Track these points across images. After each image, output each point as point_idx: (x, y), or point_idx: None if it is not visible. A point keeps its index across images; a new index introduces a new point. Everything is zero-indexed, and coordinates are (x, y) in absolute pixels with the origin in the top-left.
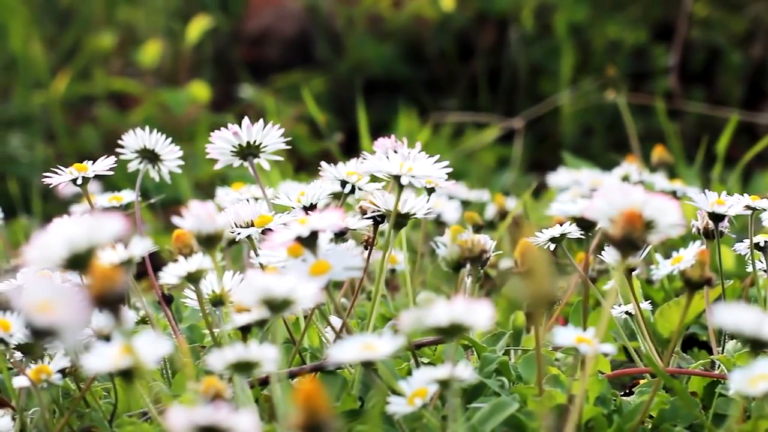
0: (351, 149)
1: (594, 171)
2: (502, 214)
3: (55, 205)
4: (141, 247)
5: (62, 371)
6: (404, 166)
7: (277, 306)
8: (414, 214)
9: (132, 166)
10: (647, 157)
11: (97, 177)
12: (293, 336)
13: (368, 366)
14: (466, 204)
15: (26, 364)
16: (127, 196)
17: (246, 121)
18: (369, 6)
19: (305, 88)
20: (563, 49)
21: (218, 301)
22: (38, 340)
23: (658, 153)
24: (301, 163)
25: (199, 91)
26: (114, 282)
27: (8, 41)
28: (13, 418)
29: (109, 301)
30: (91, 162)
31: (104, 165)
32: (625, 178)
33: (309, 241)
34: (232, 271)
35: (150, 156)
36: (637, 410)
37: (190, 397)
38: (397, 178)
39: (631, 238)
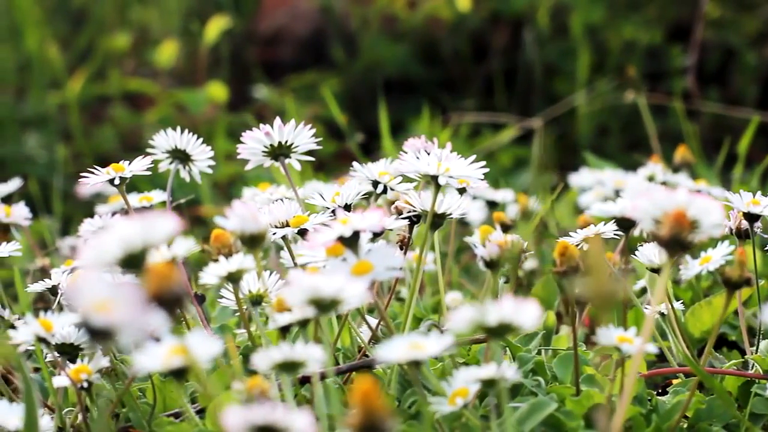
0: (367, 149)
1: (617, 171)
2: (526, 214)
3: (74, 206)
4: (184, 247)
5: (101, 371)
6: (441, 167)
7: (325, 306)
8: (450, 214)
9: (162, 167)
10: (665, 158)
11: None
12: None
13: (416, 366)
14: (490, 204)
15: (66, 364)
16: (158, 196)
17: (278, 121)
18: (383, 6)
19: (325, 89)
20: (579, 49)
21: (255, 301)
22: (95, 339)
23: (681, 153)
24: (320, 164)
25: (217, 91)
26: (171, 281)
27: (23, 42)
28: (52, 418)
29: (167, 300)
30: (127, 162)
31: (141, 165)
32: (651, 178)
33: (351, 241)
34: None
35: (181, 156)
36: (675, 409)
37: (232, 397)
38: (434, 178)
39: (679, 238)
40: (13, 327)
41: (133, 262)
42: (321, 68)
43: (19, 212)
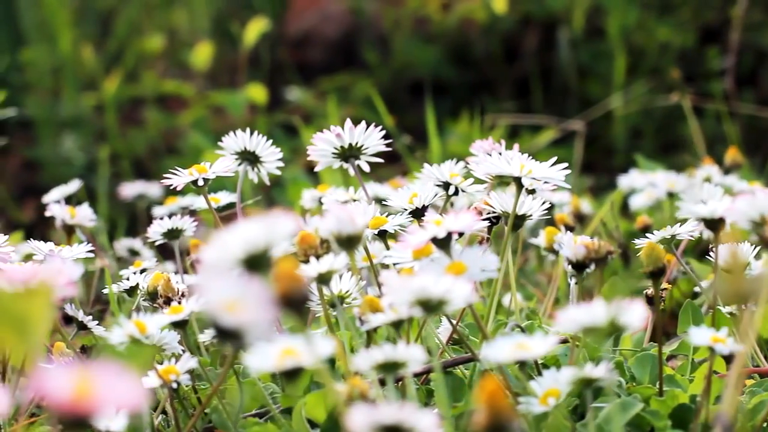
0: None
1: (669, 173)
2: (579, 216)
3: (115, 207)
4: (281, 248)
5: (190, 372)
6: (525, 168)
7: (432, 306)
8: (530, 215)
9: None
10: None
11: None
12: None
13: (523, 366)
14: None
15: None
16: (225, 197)
17: (348, 122)
18: (416, 8)
19: (373, 93)
20: (616, 51)
21: (333, 303)
22: (224, 339)
23: (731, 155)
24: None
25: (257, 93)
26: (299, 282)
27: (56, 44)
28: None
29: (294, 301)
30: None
31: (223, 166)
32: (707, 180)
33: (443, 243)
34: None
35: (250, 158)
36: (758, 409)
37: (321, 398)
38: (517, 180)
39: None
40: (85, 327)
41: (254, 262)
42: (351, 70)
43: (84, 214)
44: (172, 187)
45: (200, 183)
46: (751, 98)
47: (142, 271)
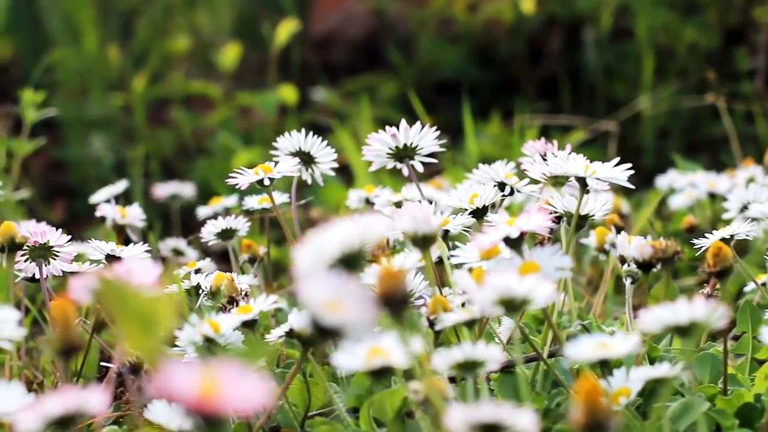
0: None
1: (709, 173)
2: (620, 217)
3: (148, 207)
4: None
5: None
6: (589, 169)
7: (515, 306)
8: (593, 215)
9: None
10: (732, 160)
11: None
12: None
13: (604, 365)
14: None
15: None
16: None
17: (403, 123)
18: (440, 8)
19: (412, 93)
20: (644, 52)
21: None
22: (324, 338)
23: None
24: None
25: (288, 93)
26: (400, 281)
27: (82, 44)
28: None
29: (395, 300)
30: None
31: (288, 165)
32: (751, 180)
33: (515, 242)
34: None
35: (305, 158)
36: None
37: (388, 397)
38: (581, 180)
39: None
40: None
41: (350, 261)
42: (375, 71)
43: (134, 213)
44: (237, 186)
45: (266, 182)
46: None
47: (197, 271)
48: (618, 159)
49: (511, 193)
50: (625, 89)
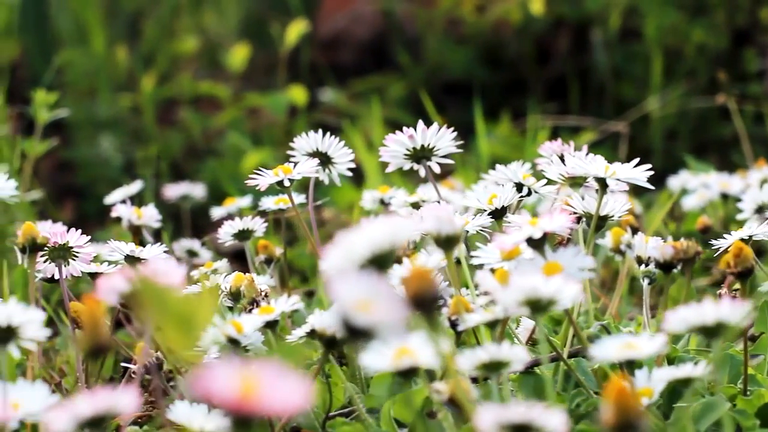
0: None
1: (721, 174)
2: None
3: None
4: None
5: None
6: (609, 169)
7: (542, 306)
8: (612, 216)
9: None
10: (740, 161)
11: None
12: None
13: (630, 366)
14: None
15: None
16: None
17: (420, 124)
18: (448, 9)
19: (423, 93)
20: (653, 53)
21: None
22: (355, 338)
23: None
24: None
25: (298, 94)
26: (431, 282)
27: (90, 45)
28: None
29: (425, 301)
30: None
31: (309, 166)
32: (765, 181)
33: (538, 243)
34: None
35: (322, 159)
36: None
37: (409, 397)
38: (601, 181)
39: None
40: None
41: (380, 262)
42: (383, 72)
43: (150, 214)
44: (258, 188)
45: (286, 183)
46: None
47: (213, 272)
48: (637, 160)
49: (529, 194)
50: (633, 90)
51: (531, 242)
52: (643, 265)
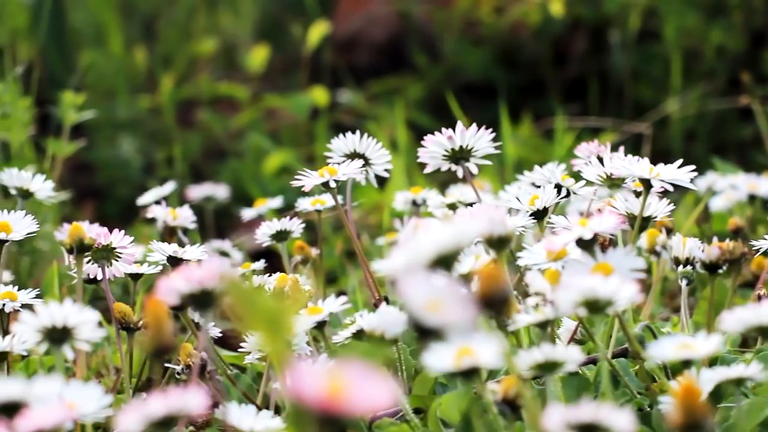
0: None
1: (749, 175)
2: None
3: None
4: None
5: None
6: (653, 171)
7: (599, 307)
8: (656, 217)
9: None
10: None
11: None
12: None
13: (687, 365)
14: None
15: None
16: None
17: (459, 125)
18: (466, 11)
19: (449, 95)
20: (672, 55)
21: None
22: (425, 338)
23: None
24: (422, 166)
25: (320, 95)
26: (501, 283)
27: (109, 46)
28: None
29: (496, 301)
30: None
31: (353, 167)
32: None
33: (587, 244)
34: None
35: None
36: None
37: (455, 397)
38: (645, 182)
39: None
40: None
41: (444, 263)
42: (399, 73)
43: (185, 215)
44: (302, 188)
45: (332, 184)
46: None
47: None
48: (681, 161)
49: (567, 195)
50: (651, 91)
51: (581, 243)
52: (681, 266)
